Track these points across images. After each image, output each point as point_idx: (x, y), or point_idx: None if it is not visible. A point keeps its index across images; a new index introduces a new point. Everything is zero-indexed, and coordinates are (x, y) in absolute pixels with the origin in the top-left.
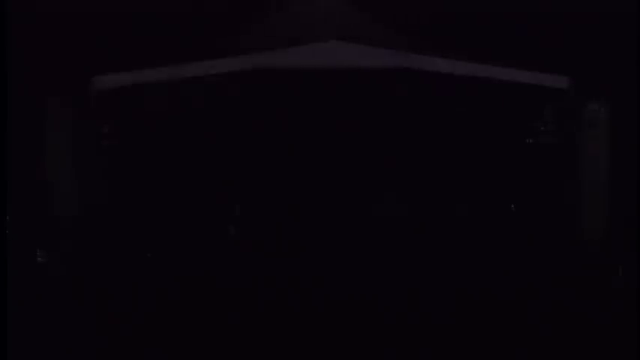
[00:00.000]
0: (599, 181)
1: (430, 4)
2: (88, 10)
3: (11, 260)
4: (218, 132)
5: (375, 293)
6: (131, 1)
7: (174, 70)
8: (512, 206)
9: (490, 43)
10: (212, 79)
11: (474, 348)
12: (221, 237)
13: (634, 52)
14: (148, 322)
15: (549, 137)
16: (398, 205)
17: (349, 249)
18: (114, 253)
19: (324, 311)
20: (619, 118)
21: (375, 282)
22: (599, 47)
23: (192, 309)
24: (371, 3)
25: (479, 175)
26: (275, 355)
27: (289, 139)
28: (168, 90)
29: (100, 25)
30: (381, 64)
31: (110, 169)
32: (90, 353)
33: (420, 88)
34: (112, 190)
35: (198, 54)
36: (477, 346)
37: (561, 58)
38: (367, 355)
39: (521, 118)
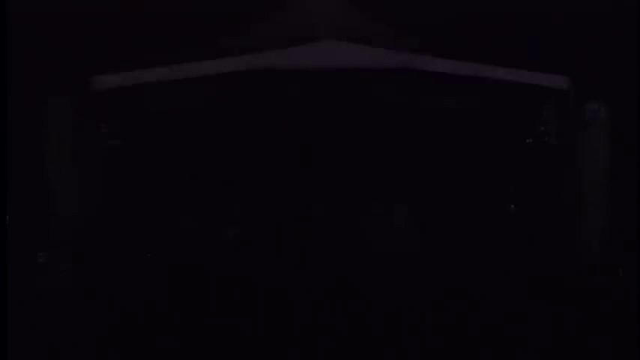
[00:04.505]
0: (599, 181)
1: (430, 4)
2: (87, 10)
3: (11, 260)
4: (218, 132)
5: (374, 292)
6: (131, 1)
7: (174, 70)
8: (512, 206)
9: (490, 43)
10: (212, 79)
11: (472, 349)
12: (221, 237)
13: (634, 52)
14: (149, 322)
15: (549, 137)
16: (397, 205)
17: (348, 249)
18: (114, 253)
19: (324, 313)
20: (619, 118)
21: (373, 281)
22: (599, 47)
23: (192, 309)
24: (371, 3)
25: (479, 175)
26: (275, 355)
27: (289, 139)
28: (168, 90)
29: (100, 25)
30: (381, 64)
31: (110, 169)
32: (90, 353)
33: (420, 88)
34: (112, 190)
35: (199, 54)
36: (476, 347)
37: (561, 58)
38: (366, 356)
39: (521, 118)
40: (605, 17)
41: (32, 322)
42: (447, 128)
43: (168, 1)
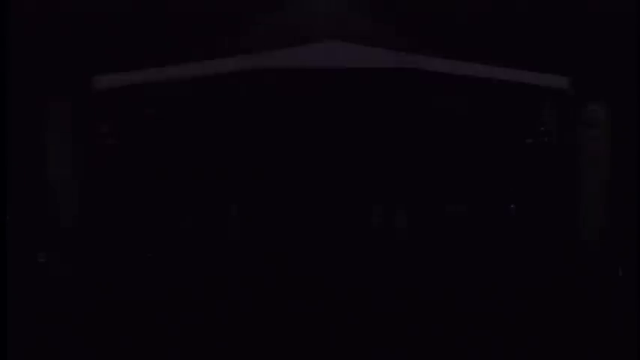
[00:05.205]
0: (599, 181)
1: (430, 4)
2: (88, 10)
3: (11, 260)
4: (218, 132)
5: (373, 293)
6: (131, 1)
7: (175, 70)
8: (512, 206)
9: (490, 43)
10: (212, 79)
11: (472, 348)
12: (220, 237)
13: (634, 52)
14: (149, 322)
15: (549, 137)
16: (397, 204)
17: (348, 249)
18: (114, 253)
19: (321, 312)
20: (619, 118)
21: (373, 281)
22: (599, 47)
23: (191, 309)
24: (371, 3)
25: (479, 175)
26: (274, 355)
27: (289, 139)
28: (168, 90)
29: (100, 25)
30: (381, 64)
31: (110, 168)
32: (90, 353)
33: (420, 88)
34: (111, 190)
35: (199, 54)
36: (476, 346)
37: (561, 58)
38: (365, 355)
39: (521, 118)
40: (605, 17)
41: (32, 322)
42: (447, 128)
43: (168, 2)
